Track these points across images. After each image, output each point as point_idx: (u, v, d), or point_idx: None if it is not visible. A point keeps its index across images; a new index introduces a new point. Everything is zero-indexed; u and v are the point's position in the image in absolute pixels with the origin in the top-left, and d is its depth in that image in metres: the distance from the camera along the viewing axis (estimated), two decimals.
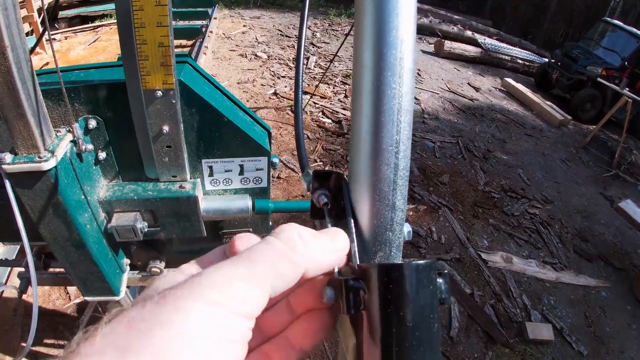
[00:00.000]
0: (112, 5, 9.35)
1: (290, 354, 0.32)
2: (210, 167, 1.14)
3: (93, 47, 7.05)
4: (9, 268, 1.92)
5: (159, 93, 0.93)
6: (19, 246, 1.68)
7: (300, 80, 0.55)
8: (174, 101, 0.95)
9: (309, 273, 0.31)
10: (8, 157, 0.87)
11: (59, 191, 0.92)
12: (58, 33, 7.30)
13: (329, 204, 0.39)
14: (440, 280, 0.32)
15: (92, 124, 1.01)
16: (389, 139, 0.34)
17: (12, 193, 0.90)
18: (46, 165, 0.87)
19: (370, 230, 0.36)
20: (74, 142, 0.96)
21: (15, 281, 2.04)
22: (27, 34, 5.01)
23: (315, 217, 0.40)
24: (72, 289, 2.62)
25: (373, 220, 0.35)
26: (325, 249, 0.32)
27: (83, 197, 1.01)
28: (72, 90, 0.97)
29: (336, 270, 0.33)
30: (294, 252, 0.30)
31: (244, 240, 0.32)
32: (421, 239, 3.65)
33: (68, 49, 6.64)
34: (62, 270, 1.30)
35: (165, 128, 0.99)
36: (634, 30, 9.26)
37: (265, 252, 0.29)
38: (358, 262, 0.34)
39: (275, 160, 1.16)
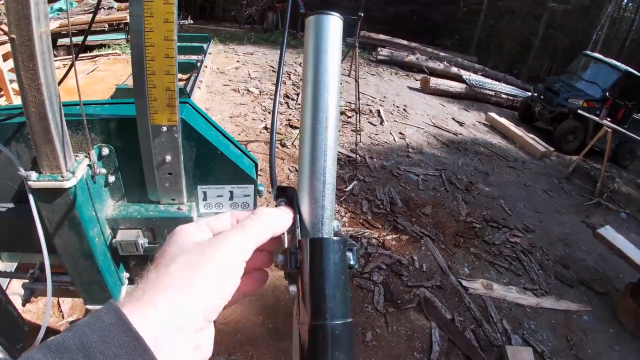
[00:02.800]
0: (110, 36, 9.57)
1: (237, 297, 0.51)
2: (205, 192, 1.32)
3: (91, 76, 7.27)
4: (7, 280, 2.00)
5: (164, 128, 1.12)
6: (17, 263, 1.77)
7: (275, 117, 0.76)
8: (176, 135, 1.14)
9: (275, 234, 0.52)
10: (34, 175, 1.02)
11: (76, 207, 1.09)
12: (57, 60, 7.43)
13: (286, 207, 0.59)
14: (349, 253, 0.52)
15: (105, 151, 1.20)
16: (319, 165, 0.54)
17: (35, 207, 1.06)
18: (67, 184, 1.04)
19: (309, 223, 0.55)
20: (90, 166, 1.14)
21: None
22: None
23: None
24: (65, 308, 2.71)
25: (311, 216, 0.55)
26: (282, 219, 0.53)
27: (94, 213, 1.18)
28: (90, 122, 1.15)
29: (286, 244, 0.54)
30: (268, 223, 0.51)
31: (240, 215, 0.55)
32: (403, 267, 3.79)
33: (67, 77, 6.83)
34: (64, 280, 1.44)
35: (168, 158, 1.17)
36: (614, 62, 9.62)
37: (254, 223, 0.49)
38: (299, 238, 0.53)
39: (261, 188, 1.34)
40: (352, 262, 0.52)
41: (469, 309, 3.55)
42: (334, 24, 0.54)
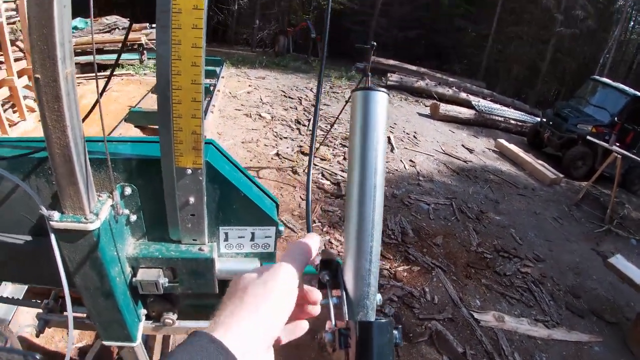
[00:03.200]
0: (125, 56, 9.69)
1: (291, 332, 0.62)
2: (226, 233, 1.31)
3: (104, 96, 7.29)
4: (15, 307, 1.98)
5: (189, 171, 1.12)
6: (26, 287, 1.76)
7: (310, 170, 0.78)
8: (200, 178, 1.13)
9: (311, 257, 0.62)
10: (56, 215, 1.01)
11: (99, 248, 1.07)
12: None
13: (330, 280, 0.61)
14: (395, 332, 0.54)
15: (128, 191, 1.19)
16: (366, 245, 0.56)
17: (57, 246, 1.03)
18: (91, 226, 1.02)
19: (355, 299, 0.57)
20: (113, 206, 1.13)
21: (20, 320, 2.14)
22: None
23: (320, 288, 0.62)
24: (75, 333, 2.65)
25: (356, 292, 0.57)
26: (313, 246, 0.63)
27: (116, 253, 1.17)
28: (112, 161, 1.13)
29: (333, 323, 0.56)
30: (306, 251, 0.61)
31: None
32: (415, 299, 3.77)
33: (81, 96, 6.87)
34: (77, 314, 1.42)
35: (191, 200, 1.17)
36: (622, 86, 9.63)
37: (295, 253, 0.60)
38: (347, 319, 0.55)
39: (281, 228, 1.34)
40: (397, 341, 0.54)
41: (481, 342, 3.51)
42: (380, 99, 0.56)
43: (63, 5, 0.84)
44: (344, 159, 6.38)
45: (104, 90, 1.18)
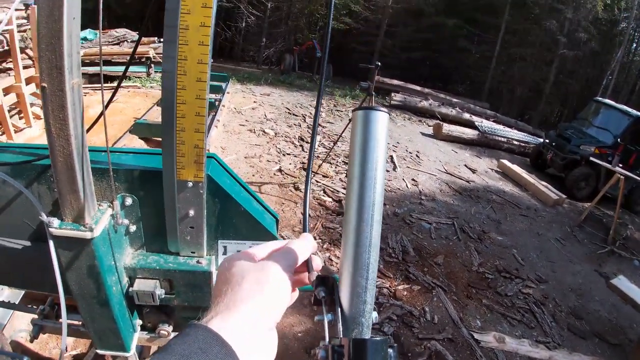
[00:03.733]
0: (133, 68, 9.84)
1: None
2: (225, 247, 1.32)
3: (110, 107, 7.37)
4: (11, 312, 1.97)
5: (190, 184, 1.13)
6: (23, 291, 1.75)
7: (309, 184, 0.78)
8: (201, 191, 1.15)
9: (304, 258, 0.63)
10: (56, 222, 1.01)
11: (97, 257, 1.08)
12: None
13: (326, 297, 0.60)
14: (390, 350, 0.53)
15: (129, 201, 1.20)
16: (362, 262, 0.56)
17: (55, 252, 1.04)
18: (90, 235, 1.03)
19: (350, 316, 0.56)
20: (113, 216, 1.14)
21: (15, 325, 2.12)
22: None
23: (316, 304, 0.61)
24: (70, 341, 2.65)
25: (352, 309, 0.56)
26: (307, 248, 0.64)
27: (113, 262, 1.17)
28: (114, 171, 1.14)
29: (327, 339, 0.55)
30: (299, 250, 0.62)
31: (276, 244, 0.66)
32: (414, 319, 3.74)
33: (87, 106, 6.96)
34: (73, 322, 1.42)
35: (191, 212, 1.18)
36: (625, 108, 9.66)
37: (291, 250, 0.62)
38: (341, 336, 0.55)
39: None
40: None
41: None
42: (381, 119, 0.56)
43: (72, 17, 0.87)
44: (346, 176, 6.38)
45: (110, 101, 1.20)
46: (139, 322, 1.40)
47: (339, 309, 0.57)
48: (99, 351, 1.33)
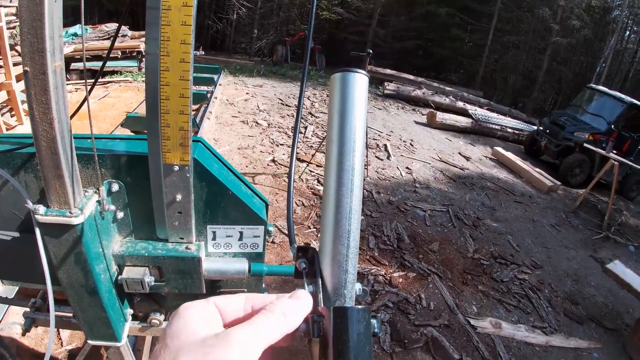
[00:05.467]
0: (123, 63, 9.83)
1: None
2: (214, 232, 1.29)
3: (102, 102, 7.39)
4: (7, 307, 1.96)
5: (176, 167, 1.10)
6: (17, 287, 1.74)
7: (292, 171, 0.75)
8: (188, 175, 1.12)
9: (289, 331, 0.47)
10: (41, 209, 0.99)
11: (83, 243, 1.06)
12: (69, 84, 7.58)
13: (307, 268, 0.58)
14: (373, 320, 0.51)
15: (115, 187, 1.17)
16: (343, 228, 0.54)
17: (41, 240, 1.02)
18: (75, 221, 1.01)
19: (331, 287, 0.54)
20: (99, 202, 1.11)
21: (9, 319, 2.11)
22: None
23: (297, 277, 0.59)
24: (65, 335, 2.67)
25: (333, 280, 0.54)
26: (297, 314, 0.49)
27: (101, 249, 1.15)
28: (100, 157, 1.13)
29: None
30: (282, 322, 0.46)
31: (255, 300, 0.51)
32: (410, 306, 3.74)
33: (78, 101, 6.97)
34: (64, 313, 1.41)
35: (178, 197, 1.15)
36: (619, 94, 9.71)
37: (267, 321, 0.46)
38: (322, 306, 0.53)
39: (271, 228, 1.32)
40: (376, 330, 0.50)
41: (477, 348, 3.49)
42: (360, 81, 0.54)
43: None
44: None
45: (92, 87, 1.17)
46: (130, 311, 1.38)
47: (319, 279, 0.55)
48: (90, 341, 1.30)
